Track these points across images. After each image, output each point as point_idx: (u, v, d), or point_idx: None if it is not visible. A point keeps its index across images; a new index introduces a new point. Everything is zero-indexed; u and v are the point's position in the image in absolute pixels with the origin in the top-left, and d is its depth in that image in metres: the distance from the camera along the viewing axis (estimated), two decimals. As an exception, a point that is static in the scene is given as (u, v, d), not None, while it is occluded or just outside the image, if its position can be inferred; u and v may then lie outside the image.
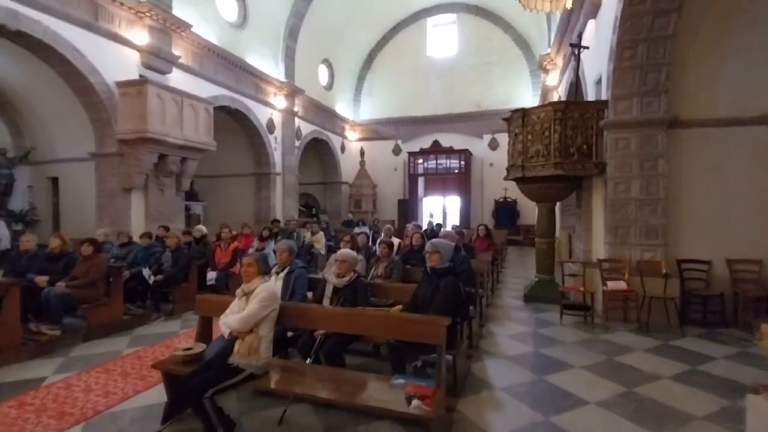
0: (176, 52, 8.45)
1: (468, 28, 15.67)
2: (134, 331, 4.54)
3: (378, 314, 2.65)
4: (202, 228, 6.58)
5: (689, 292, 4.87)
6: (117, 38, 7.37)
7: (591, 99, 6.33)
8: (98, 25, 7.04)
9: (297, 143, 13.18)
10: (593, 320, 4.91)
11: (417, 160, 15.96)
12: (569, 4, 4.74)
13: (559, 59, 9.60)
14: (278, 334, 3.11)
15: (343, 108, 16.40)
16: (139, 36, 7.71)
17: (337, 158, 15.99)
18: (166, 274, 5.22)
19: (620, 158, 5.08)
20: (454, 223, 13.08)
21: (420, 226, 6.18)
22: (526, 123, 5.66)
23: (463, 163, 15.33)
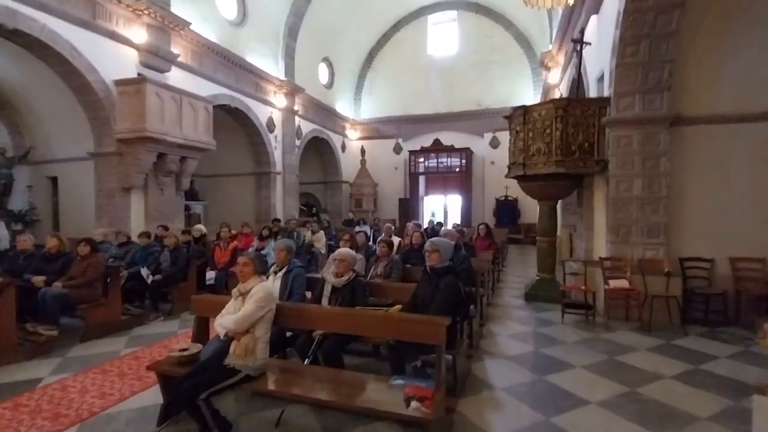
0: (175, 50, 8.41)
1: (469, 26, 15.60)
2: (132, 331, 4.51)
3: (377, 314, 2.62)
4: (201, 227, 6.55)
5: (691, 291, 4.83)
6: (115, 36, 7.33)
7: (593, 96, 6.28)
8: (96, 23, 7.01)
9: (297, 142, 13.14)
10: (594, 319, 4.87)
11: (418, 159, 15.91)
12: (571, 0, 4.69)
13: (561, 56, 9.54)
14: (276, 334, 3.09)
15: (343, 107, 16.35)
16: (138, 34, 7.67)
17: (337, 157, 15.95)
18: (165, 273, 5.19)
19: (622, 156, 5.03)
20: (455, 222, 13.03)
21: (420, 225, 6.14)
22: (527, 120, 5.61)
23: (464, 161, 15.28)
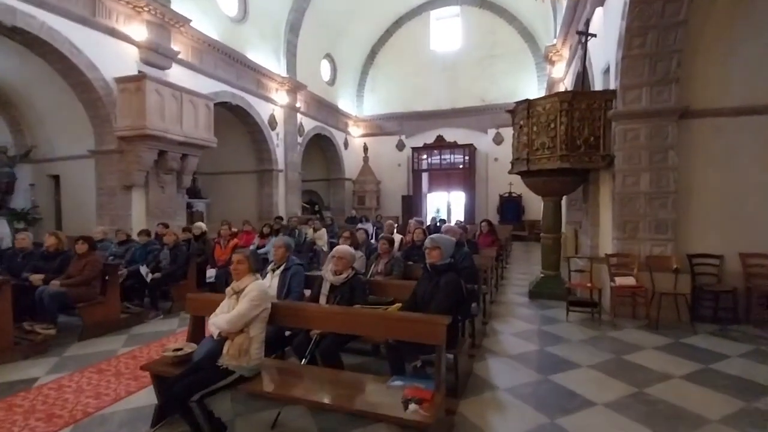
0: (175, 47, 8.37)
1: (472, 21, 15.42)
2: (131, 329, 4.47)
3: (375, 313, 2.54)
4: (201, 225, 6.51)
5: (700, 288, 4.71)
6: (115, 33, 7.29)
7: (599, 89, 6.14)
8: (96, 20, 6.97)
9: (299, 139, 13.08)
10: (600, 317, 4.76)
11: (421, 156, 15.80)
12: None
13: (566, 50, 9.37)
14: (274, 333, 3.03)
15: (346, 103, 16.25)
16: (138, 31, 7.62)
17: (340, 154, 15.87)
18: (164, 271, 5.15)
19: (629, 150, 4.90)
20: (458, 219, 12.92)
21: (422, 222, 6.05)
22: (531, 115, 5.49)
23: (467, 158, 15.15)
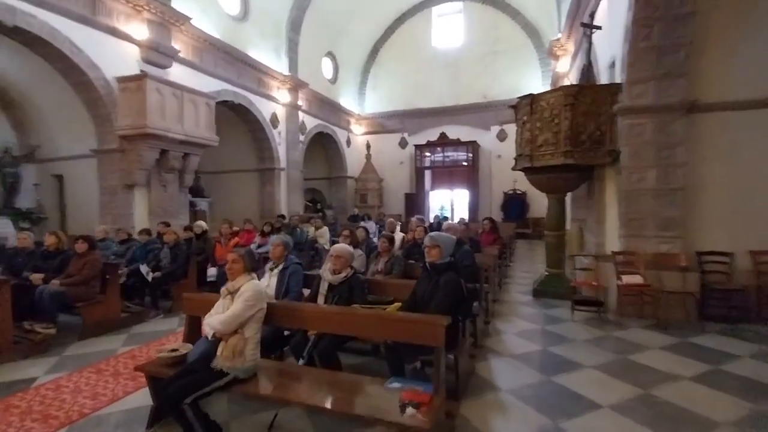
0: (176, 46, 8.34)
1: (474, 17, 15.26)
2: (131, 329, 4.46)
3: (372, 314, 2.48)
4: (202, 224, 6.49)
5: (709, 286, 4.59)
6: (116, 33, 7.28)
7: (604, 83, 6.01)
8: (96, 19, 6.95)
9: (301, 138, 13.03)
10: (606, 316, 4.67)
11: (424, 153, 15.70)
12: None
13: (570, 44, 9.24)
14: (273, 332, 2.98)
15: (348, 101, 16.18)
16: (138, 30, 7.60)
17: (342, 152, 15.81)
18: (164, 270, 5.13)
19: (635, 146, 4.79)
20: (461, 217, 12.82)
21: (423, 220, 5.97)
22: (534, 110, 5.40)
23: (470, 155, 15.02)
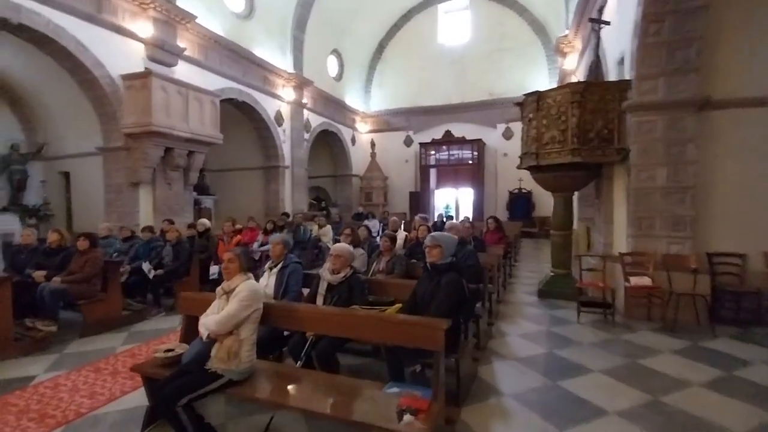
0: (181, 44, 8.34)
1: (481, 14, 15.08)
2: (133, 326, 4.45)
3: (371, 316, 2.41)
4: (205, 221, 6.48)
5: (721, 289, 4.46)
6: (121, 31, 7.28)
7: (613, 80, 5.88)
8: (101, 17, 6.96)
9: (306, 135, 13.00)
10: (613, 319, 4.55)
11: (429, 151, 15.58)
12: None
13: (578, 41, 9.07)
14: (271, 332, 2.94)
15: (353, 99, 16.11)
16: (144, 28, 7.60)
17: (347, 150, 15.76)
18: (167, 268, 5.13)
19: (645, 143, 4.66)
20: (466, 215, 12.71)
21: (427, 219, 5.89)
22: (541, 107, 5.28)
23: (476, 153, 14.88)
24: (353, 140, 16.24)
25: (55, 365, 3.41)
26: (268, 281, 3.27)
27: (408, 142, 16.28)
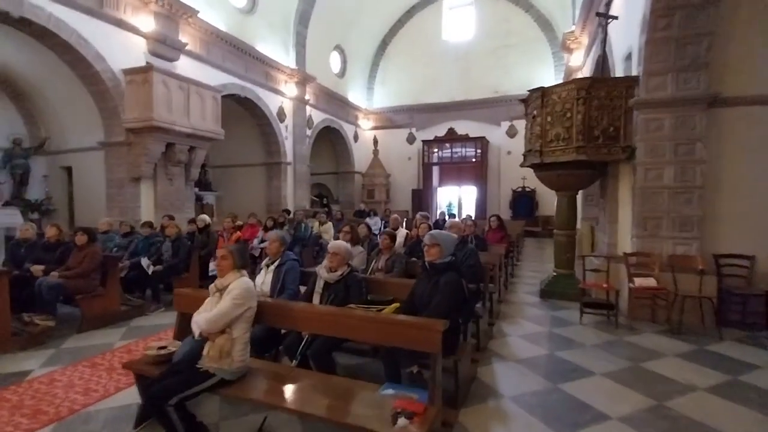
0: (183, 38, 8.29)
1: (486, 10, 14.91)
2: (131, 322, 4.43)
3: (366, 316, 2.36)
4: (204, 217, 6.45)
5: (728, 291, 4.36)
6: (122, 25, 7.25)
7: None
8: (103, 11, 6.92)
9: (308, 132, 12.94)
10: (617, 320, 4.47)
11: (432, 149, 15.48)
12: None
13: (585, 37, 8.93)
14: (267, 330, 2.89)
15: (355, 96, 16.02)
16: (145, 22, 7.56)
17: (349, 147, 15.69)
18: (166, 264, 5.10)
19: (652, 141, 4.57)
20: (468, 214, 12.62)
21: (428, 216, 5.82)
22: (545, 104, 5.19)
23: (479, 151, 14.76)
24: (356, 137, 16.17)
25: (51, 360, 3.39)
26: (264, 278, 3.22)
27: (411, 139, 16.18)
